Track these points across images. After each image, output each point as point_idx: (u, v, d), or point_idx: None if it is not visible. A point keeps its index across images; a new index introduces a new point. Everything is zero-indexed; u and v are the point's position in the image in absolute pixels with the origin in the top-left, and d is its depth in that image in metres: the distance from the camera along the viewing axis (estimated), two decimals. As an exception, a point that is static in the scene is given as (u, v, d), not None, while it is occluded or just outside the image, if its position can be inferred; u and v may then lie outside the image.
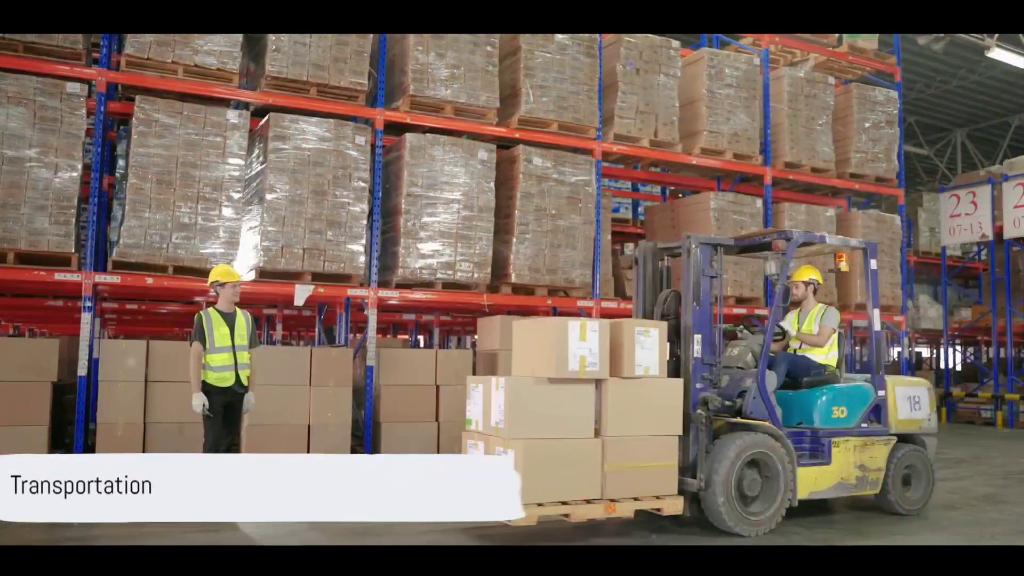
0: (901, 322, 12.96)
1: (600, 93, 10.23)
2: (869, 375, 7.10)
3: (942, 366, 21.58)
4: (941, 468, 10.16)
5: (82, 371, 8.00)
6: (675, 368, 6.47)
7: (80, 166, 7.96)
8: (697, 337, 6.30)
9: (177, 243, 8.09)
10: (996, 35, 15.07)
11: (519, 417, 5.50)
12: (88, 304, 8.00)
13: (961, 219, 16.60)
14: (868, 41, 13.16)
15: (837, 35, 13.15)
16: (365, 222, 8.91)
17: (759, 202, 11.47)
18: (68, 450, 8.41)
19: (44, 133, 7.75)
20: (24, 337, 20.34)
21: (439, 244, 9.09)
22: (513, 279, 9.47)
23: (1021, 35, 16.26)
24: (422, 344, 20.21)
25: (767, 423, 6.30)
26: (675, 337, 6.49)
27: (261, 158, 8.78)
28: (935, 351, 27.66)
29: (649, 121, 10.56)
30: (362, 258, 8.83)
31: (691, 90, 11.16)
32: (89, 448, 8.17)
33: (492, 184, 9.41)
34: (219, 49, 8.38)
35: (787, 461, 6.23)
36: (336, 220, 8.67)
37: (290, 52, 8.61)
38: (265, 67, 8.59)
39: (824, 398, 6.75)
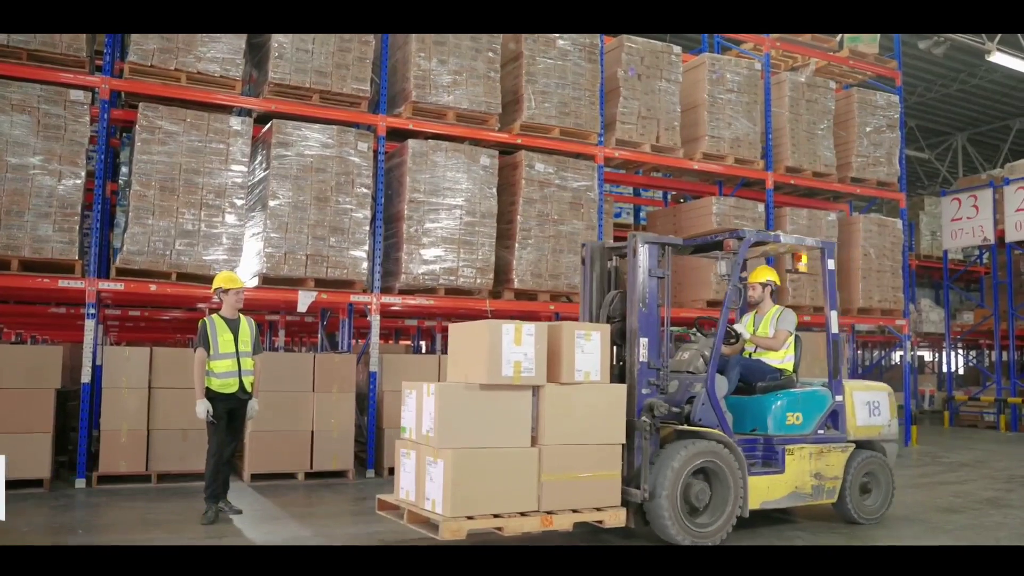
0: (903, 326, 12.96)
1: (602, 98, 10.25)
2: (847, 379, 6.98)
3: (944, 370, 21.57)
4: (945, 471, 10.18)
5: (86, 378, 8.01)
6: (622, 373, 6.14)
7: (84, 173, 7.98)
8: (643, 341, 5.97)
9: (180, 250, 8.11)
10: (996, 39, 15.10)
11: (449, 425, 5.18)
12: (91, 311, 8.02)
13: (963, 223, 16.60)
14: (869, 45, 13.19)
15: (838, 39, 13.18)
16: (368, 228, 8.93)
17: (761, 207, 11.49)
18: (72, 457, 8.42)
19: (48, 141, 7.78)
20: (27, 344, 20.37)
21: (441, 250, 9.10)
22: (516, 284, 9.48)
23: (1021, 37, 16.29)
24: (424, 350, 20.21)
25: (716, 430, 6.01)
26: (622, 341, 6.18)
27: (264, 165, 8.80)
28: (937, 355, 27.62)
29: (651, 126, 10.58)
30: (365, 264, 8.84)
31: (692, 95, 11.18)
32: (93, 455, 8.18)
33: (494, 190, 9.43)
34: (222, 56, 8.41)
35: (737, 470, 5.95)
36: (339, 226, 8.69)
37: (293, 59, 8.63)
38: (268, 74, 8.61)
39: (778, 404, 6.48)
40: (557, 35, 9.87)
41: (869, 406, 6.95)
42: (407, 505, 5.39)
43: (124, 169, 9.13)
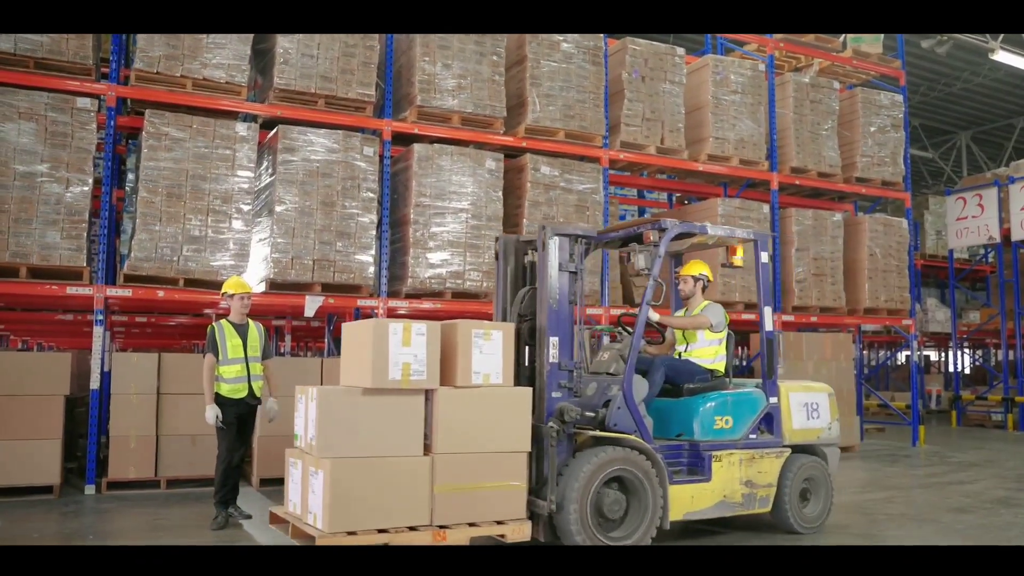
0: (910, 326, 12.93)
1: (606, 101, 10.26)
2: (777, 380, 6.52)
3: (951, 369, 21.52)
4: (954, 471, 10.16)
5: (94, 384, 8.03)
6: (534, 375, 5.76)
7: (91, 180, 8.00)
8: (553, 340, 5.57)
9: (188, 256, 8.13)
10: (1000, 37, 15.08)
11: (330, 433, 4.83)
12: (99, 317, 8.04)
13: (968, 222, 16.57)
14: (872, 45, 13.18)
15: (841, 40, 13.18)
16: (374, 232, 8.95)
17: (766, 208, 11.49)
18: (81, 464, 8.44)
19: (55, 148, 7.81)
20: (34, 351, 20.42)
21: (448, 254, 9.11)
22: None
23: (1025, 37, 16.27)
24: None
25: (633, 436, 5.59)
26: (533, 340, 5.80)
27: (270, 170, 8.82)
28: (943, 354, 27.57)
29: (655, 128, 10.59)
30: (371, 268, 8.86)
31: (697, 97, 11.19)
32: (102, 461, 8.19)
33: (500, 193, 9.44)
34: (227, 62, 8.43)
35: (656, 479, 5.54)
36: (345, 231, 8.71)
37: (298, 64, 8.66)
38: (273, 79, 8.63)
39: (706, 407, 6.05)
40: (561, 38, 9.89)
41: (807, 408, 6.53)
42: (293, 519, 5.09)
43: (131, 176, 9.16)
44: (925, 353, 27.05)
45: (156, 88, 8.31)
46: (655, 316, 6.15)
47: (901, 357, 25.11)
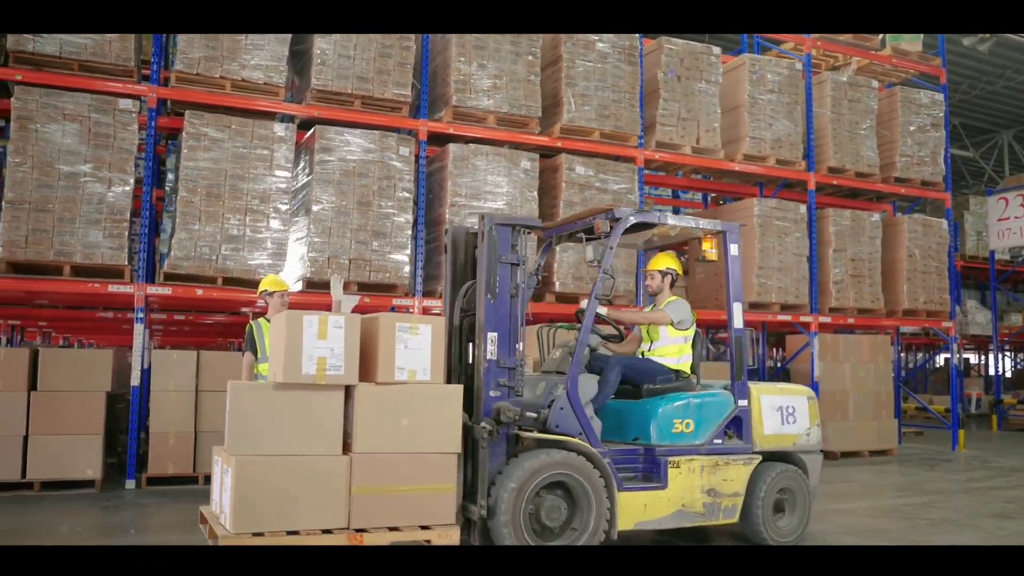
0: (950, 328, 12.74)
1: (641, 101, 10.23)
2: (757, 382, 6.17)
3: (991, 372, 21.15)
4: (995, 476, 9.98)
5: (135, 381, 8.15)
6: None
7: (132, 180, 8.13)
8: (492, 336, 5.25)
9: (226, 254, 8.22)
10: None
11: (240, 429, 4.61)
12: (140, 315, 8.16)
13: (1010, 222, 16.27)
14: (912, 43, 13.00)
15: (880, 38, 13.01)
16: (409, 232, 8.99)
17: (803, 208, 11.38)
18: (121, 459, 8.58)
19: (98, 149, 7.94)
20: (75, 348, 20.79)
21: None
22: (557, 288, 9.48)
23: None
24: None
25: (577, 439, 5.25)
26: (474, 336, 5.49)
27: (307, 170, 8.90)
28: (983, 357, 27.12)
29: (691, 128, 10.53)
30: (407, 268, 8.90)
31: (733, 96, 11.11)
32: (141, 457, 8.32)
33: (535, 193, 9.45)
34: (265, 63, 8.52)
35: (601, 485, 5.18)
36: (381, 230, 8.76)
37: (335, 65, 8.72)
38: (310, 80, 8.71)
39: (663, 409, 5.65)
40: (596, 38, 9.88)
41: (781, 412, 6.03)
42: (211, 519, 4.87)
43: (170, 176, 9.28)
44: (965, 356, 26.61)
45: (196, 89, 8.42)
46: (603, 311, 5.77)
47: (940, 360, 24.73)
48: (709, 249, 5.98)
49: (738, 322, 5.97)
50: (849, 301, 11.60)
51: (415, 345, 4.91)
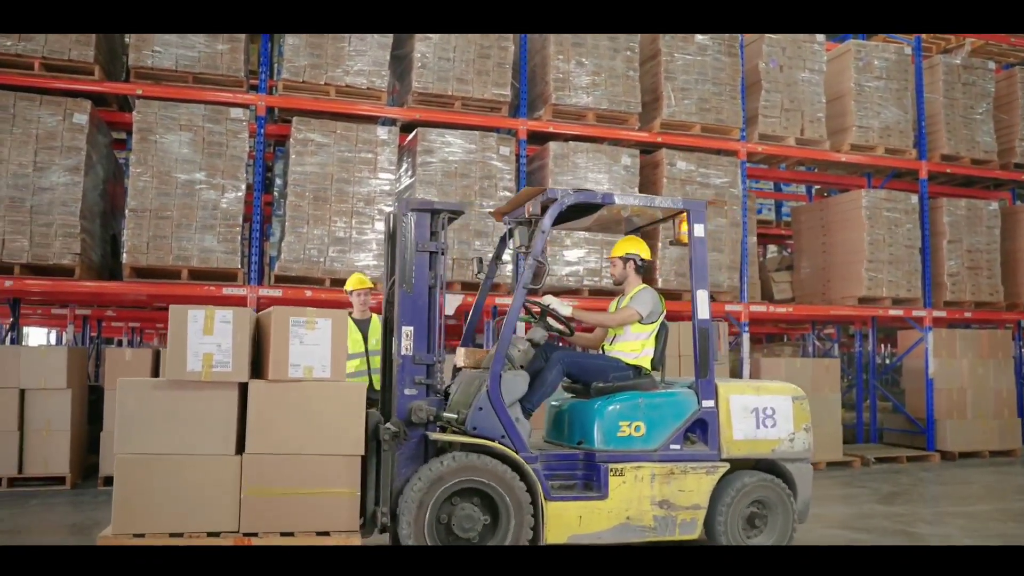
0: (1077, 321, 12.04)
1: (743, 92, 10.02)
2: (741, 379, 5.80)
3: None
4: None
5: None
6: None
7: (243, 186, 8.40)
8: (407, 330, 4.90)
9: (333, 256, 8.41)
10: None
11: (126, 427, 4.46)
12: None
13: None
14: (1030, 22, 12.34)
15: (995, 18, 12.39)
16: (510, 231, 9.01)
17: (914, 198, 10.93)
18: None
19: (211, 157, 8.23)
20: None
21: (584, 251, 9.10)
22: (660, 284, 9.36)
23: None
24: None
25: (497, 443, 4.79)
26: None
27: (410, 172, 9.04)
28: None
29: (794, 119, 10.25)
30: (509, 267, 8.93)
31: (837, 84, 10.77)
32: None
33: (636, 189, 9.36)
34: (368, 68, 8.68)
35: (526, 494, 4.71)
36: (483, 230, 8.82)
37: (435, 68, 8.82)
38: (411, 83, 8.84)
39: (608, 410, 5.08)
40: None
41: (756, 414, 5.32)
42: None
43: (278, 181, 9.57)
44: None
45: (302, 96, 8.65)
46: (567, 309, 5.28)
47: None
48: (684, 232, 5.40)
49: (703, 312, 5.32)
50: (966, 294, 11.09)
51: (312, 340, 4.67)
